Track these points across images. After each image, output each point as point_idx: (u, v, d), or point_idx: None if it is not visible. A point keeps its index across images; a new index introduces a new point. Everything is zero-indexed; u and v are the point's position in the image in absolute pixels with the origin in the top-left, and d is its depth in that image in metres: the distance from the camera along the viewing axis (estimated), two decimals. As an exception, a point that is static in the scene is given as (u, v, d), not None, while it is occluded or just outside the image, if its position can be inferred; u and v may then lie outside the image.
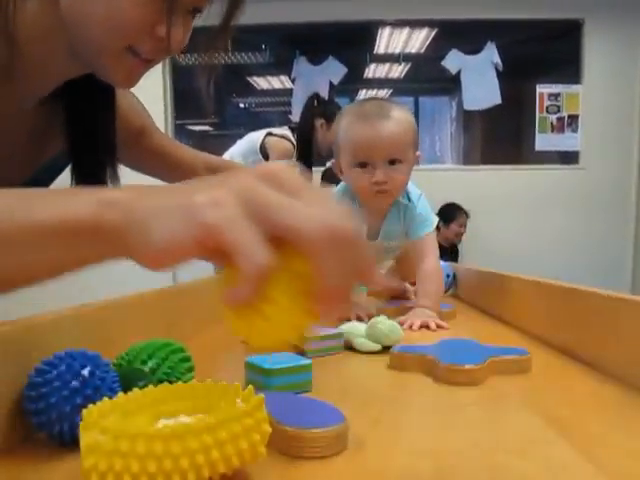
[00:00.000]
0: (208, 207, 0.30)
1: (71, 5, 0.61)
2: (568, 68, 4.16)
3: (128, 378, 0.46)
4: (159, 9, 0.60)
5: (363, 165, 1.02)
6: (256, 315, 0.32)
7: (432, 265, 1.09)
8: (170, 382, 0.39)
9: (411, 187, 1.13)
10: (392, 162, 1.01)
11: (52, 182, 0.86)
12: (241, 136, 2.74)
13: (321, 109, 2.57)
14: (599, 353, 0.65)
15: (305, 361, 0.57)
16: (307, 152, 2.55)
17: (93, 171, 0.81)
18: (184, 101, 4.19)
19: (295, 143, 2.53)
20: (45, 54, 0.66)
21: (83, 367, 0.42)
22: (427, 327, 0.93)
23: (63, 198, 0.37)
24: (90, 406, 0.34)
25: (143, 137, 0.98)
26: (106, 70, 0.67)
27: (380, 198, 1.05)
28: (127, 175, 0.94)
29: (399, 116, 1.03)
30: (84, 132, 0.79)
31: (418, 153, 1.08)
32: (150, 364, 0.48)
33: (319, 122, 2.53)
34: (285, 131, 2.55)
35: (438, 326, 0.94)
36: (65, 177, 0.85)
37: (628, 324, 0.59)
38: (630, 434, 0.44)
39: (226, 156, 2.58)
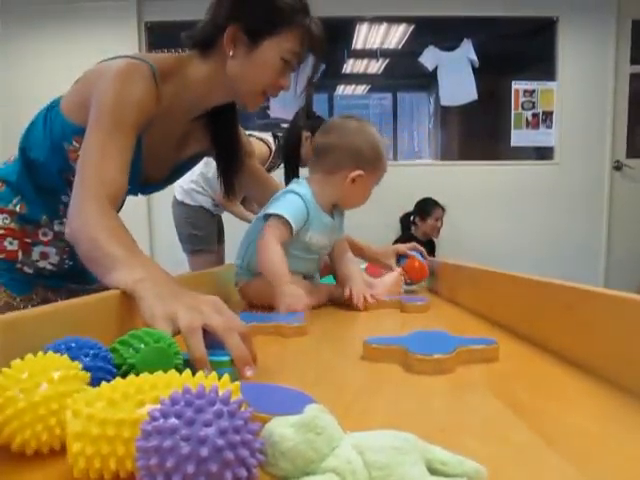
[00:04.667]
0: (182, 311, 0.61)
1: (234, 70, 1.03)
2: (543, 65, 4.23)
3: (159, 358, 0.50)
4: (282, 72, 1.05)
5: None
6: None
7: (352, 254, 1.34)
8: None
9: None
10: None
11: (188, 170, 1.33)
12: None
13: (310, 123, 2.58)
14: (566, 344, 0.68)
15: (224, 357, 0.56)
16: (293, 161, 2.56)
17: (229, 166, 1.26)
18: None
19: (273, 149, 2.53)
20: (207, 93, 1.08)
21: (91, 347, 0.47)
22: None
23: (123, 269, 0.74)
24: (75, 395, 0.36)
25: (248, 158, 1.34)
26: (244, 101, 1.09)
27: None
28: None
29: None
30: (224, 139, 1.23)
31: None
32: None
33: (305, 135, 2.54)
34: (267, 136, 2.56)
35: (373, 297, 1.18)
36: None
37: (595, 316, 0.62)
38: (587, 417, 0.47)
39: None
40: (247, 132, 2.51)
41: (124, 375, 0.49)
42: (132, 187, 1.02)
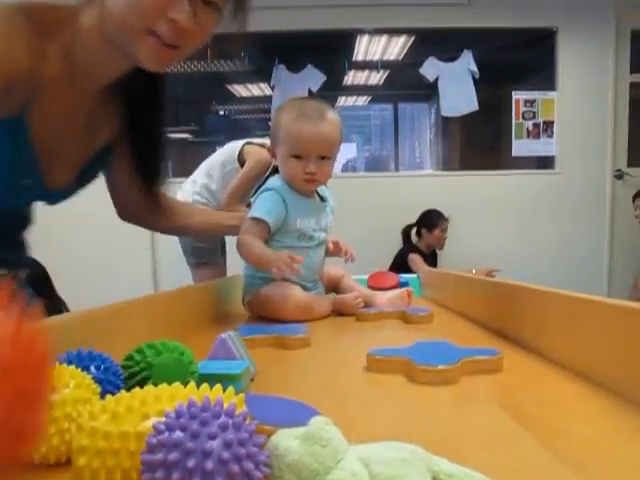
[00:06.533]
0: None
1: (112, 4, 0.78)
2: (543, 75, 4.25)
3: (176, 370, 0.50)
4: None
5: (298, 157, 1.19)
6: None
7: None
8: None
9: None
10: (322, 157, 1.20)
11: (100, 170, 1.07)
12: (221, 143, 2.73)
13: None
14: (570, 354, 0.68)
15: (234, 370, 0.55)
16: None
17: (148, 157, 1.03)
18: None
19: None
20: (101, 49, 0.83)
21: (103, 360, 0.48)
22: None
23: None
24: (80, 408, 0.36)
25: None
26: (134, 52, 0.81)
27: (308, 185, 1.23)
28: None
29: (332, 118, 1.20)
30: (142, 122, 1.00)
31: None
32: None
33: None
34: (265, 140, 2.56)
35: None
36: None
37: (599, 326, 0.62)
38: (592, 428, 0.47)
39: (204, 166, 2.57)
40: (246, 140, 2.52)
41: (132, 377, 0.49)
42: (33, 192, 0.92)
